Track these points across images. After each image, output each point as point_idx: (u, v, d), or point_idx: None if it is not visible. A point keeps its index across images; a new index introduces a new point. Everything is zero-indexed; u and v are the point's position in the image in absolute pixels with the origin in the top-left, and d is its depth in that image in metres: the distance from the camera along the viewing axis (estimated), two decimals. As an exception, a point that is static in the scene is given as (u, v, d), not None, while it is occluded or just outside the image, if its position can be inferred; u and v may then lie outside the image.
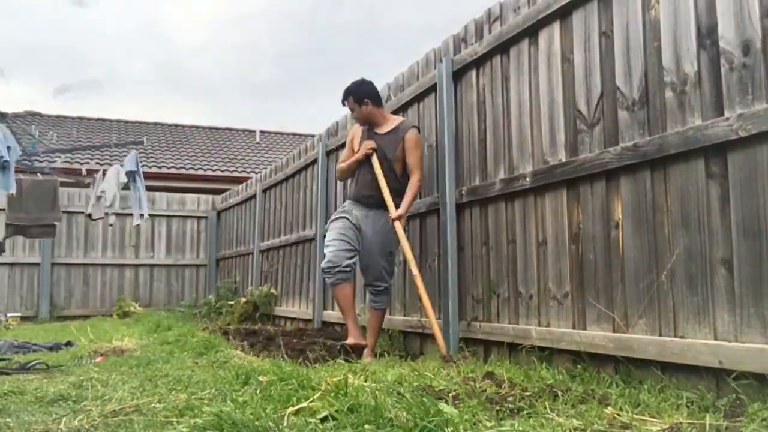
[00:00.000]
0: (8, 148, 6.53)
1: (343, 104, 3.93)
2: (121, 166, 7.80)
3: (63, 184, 7.91)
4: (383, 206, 3.68)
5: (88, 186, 8.44)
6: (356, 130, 4.01)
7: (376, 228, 3.75)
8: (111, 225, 8.49)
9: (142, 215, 7.78)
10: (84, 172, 9.55)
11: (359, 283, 4.17)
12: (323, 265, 3.71)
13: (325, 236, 3.90)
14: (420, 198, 4.01)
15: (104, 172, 7.78)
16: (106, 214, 7.66)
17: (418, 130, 3.83)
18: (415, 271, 3.42)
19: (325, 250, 3.75)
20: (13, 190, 6.69)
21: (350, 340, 3.54)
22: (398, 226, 3.59)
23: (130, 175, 7.85)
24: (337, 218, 3.83)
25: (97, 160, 12.41)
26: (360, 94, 3.82)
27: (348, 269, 3.63)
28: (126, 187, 7.86)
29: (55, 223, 7.20)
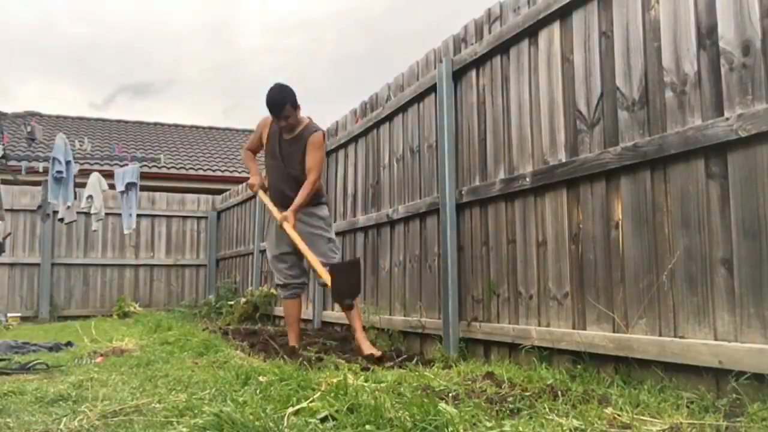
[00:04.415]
0: (67, 162, 6.92)
1: (280, 116, 3.69)
2: (104, 174, 7.97)
3: (8, 183, 8.14)
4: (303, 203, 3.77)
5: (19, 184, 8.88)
6: (266, 122, 3.95)
7: (301, 226, 3.77)
8: (95, 230, 8.57)
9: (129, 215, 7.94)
10: (22, 172, 9.83)
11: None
12: (279, 281, 3.90)
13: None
14: (420, 198, 4.01)
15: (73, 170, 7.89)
16: (86, 213, 7.80)
17: (324, 134, 3.90)
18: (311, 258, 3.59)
19: (278, 265, 3.88)
20: (70, 202, 7.28)
21: (290, 344, 3.86)
22: (287, 228, 3.62)
23: (129, 186, 7.93)
24: (272, 228, 3.91)
25: (86, 163, 12.25)
26: (294, 98, 3.73)
27: (302, 285, 3.94)
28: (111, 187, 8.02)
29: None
